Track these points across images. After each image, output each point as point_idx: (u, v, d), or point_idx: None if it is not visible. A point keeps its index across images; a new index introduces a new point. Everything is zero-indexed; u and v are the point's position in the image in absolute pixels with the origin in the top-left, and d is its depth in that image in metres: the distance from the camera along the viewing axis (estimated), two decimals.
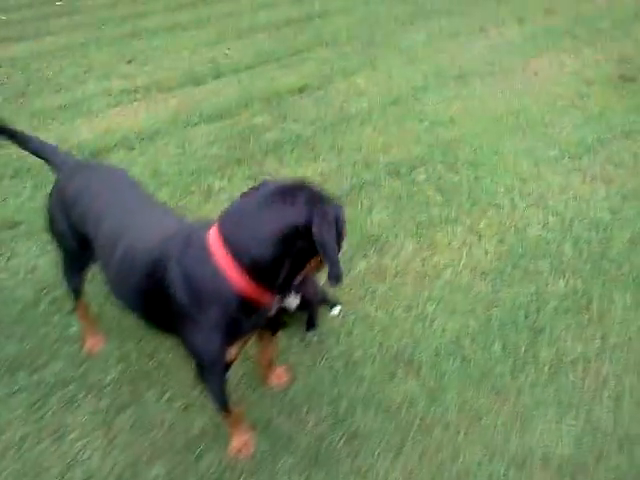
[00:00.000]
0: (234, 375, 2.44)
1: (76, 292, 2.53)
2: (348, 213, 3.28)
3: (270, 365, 2.42)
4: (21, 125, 5.02)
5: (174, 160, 4.23)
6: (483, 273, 2.87)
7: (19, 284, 3.08)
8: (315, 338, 2.61)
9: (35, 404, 2.46)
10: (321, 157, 4.04)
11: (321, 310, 2.71)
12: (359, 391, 2.37)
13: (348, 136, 4.31)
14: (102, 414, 2.38)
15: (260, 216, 1.58)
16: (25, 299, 2.98)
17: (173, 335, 1.94)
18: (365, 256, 3.07)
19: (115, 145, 4.55)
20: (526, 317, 2.61)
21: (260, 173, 3.92)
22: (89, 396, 2.46)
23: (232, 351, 1.86)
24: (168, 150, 4.38)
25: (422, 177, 3.69)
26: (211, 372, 1.93)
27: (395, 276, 2.92)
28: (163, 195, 3.81)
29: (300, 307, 2.58)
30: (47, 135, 4.82)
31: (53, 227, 2.28)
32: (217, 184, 3.87)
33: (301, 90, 5.16)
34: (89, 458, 2.23)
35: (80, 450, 2.26)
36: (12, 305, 2.96)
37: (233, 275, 1.63)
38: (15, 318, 2.88)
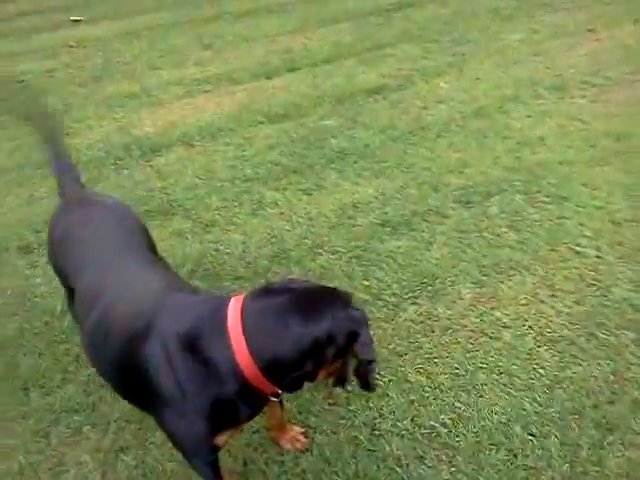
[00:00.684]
0: (246, 432, 2.23)
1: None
2: (404, 245, 3.03)
3: (282, 427, 2.18)
4: (88, 112, 5.06)
5: (231, 163, 4.05)
6: (551, 340, 2.46)
7: (51, 293, 3.01)
8: (343, 393, 2.33)
9: (41, 431, 2.38)
10: (386, 173, 3.71)
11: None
12: (380, 472, 2.08)
13: (420, 149, 3.94)
14: (103, 453, 2.26)
15: (288, 318, 1.46)
16: (51, 310, 2.91)
17: (151, 414, 1.72)
18: (415, 301, 2.73)
19: (176, 141, 4.44)
20: (595, 407, 2.18)
21: (316, 187, 3.65)
22: (94, 430, 2.34)
23: (222, 438, 1.63)
24: (227, 151, 4.21)
25: (495, 209, 3.27)
26: (195, 457, 1.72)
27: (445, 330, 2.57)
28: (212, 202, 3.64)
29: None
30: (110, 125, 4.81)
31: (49, 256, 2.12)
32: (269, 196, 3.64)
33: (377, 91, 4.81)
34: None
35: None
36: (38, 316, 2.90)
37: (244, 361, 1.45)
38: (38, 331, 2.82)
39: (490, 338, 2.51)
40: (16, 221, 3.69)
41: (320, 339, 1.45)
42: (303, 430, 2.24)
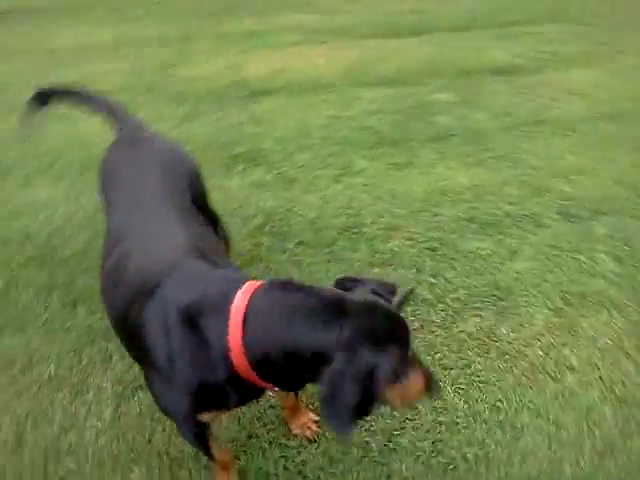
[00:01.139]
0: (260, 405, 2.15)
1: None
2: (486, 248, 2.75)
3: (295, 410, 2.07)
4: (202, 45, 5.05)
5: (327, 122, 3.89)
6: (620, 401, 2.14)
7: None
8: None
9: (76, 349, 2.45)
10: (487, 164, 3.40)
11: None
12: None
13: (533, 145, 3.57)
14: (123, 385, 2.28)
15: (295, 322, 1.31)
16: None
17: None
18: (478, 313, 2.48)
19: (279, 89, 4.35)
20: None
21: (408, 164, 3.42)
22: (122, 361, 2.37)
23: (206, 417, 1.54)
24: (326, 109, 4.05)
25: (601, 231, 2.89)
26: (180, 425, 1.65)
27: (503, 355, 2.32)
28: (298, 159, 3.52)
29: None
30: (220, 62, 4.77)
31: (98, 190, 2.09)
32: (357, 164, 3.46)
33: (504, 72, 4.42)
34: (88, 428, 2.14)
35: (85, 416, 2.18)
36: None
37: (236, 351, 1.34)
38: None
39: (550, 377, 2.23)
40: None
41: (318, 355, 1.28)
42: (317, 419, 2.12)
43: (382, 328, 1.32)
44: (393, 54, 4.73)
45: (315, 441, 2.07)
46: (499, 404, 2.15)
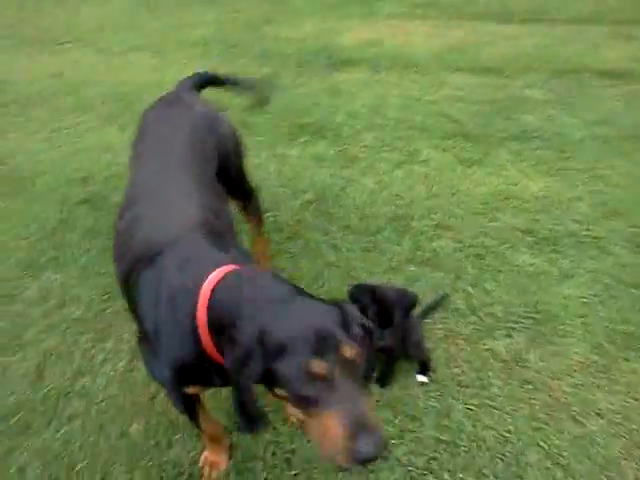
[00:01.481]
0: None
1: None
2: (537, 265, 2.54)
3: None
4: (299, 5, 4.98)
5: (405, 103, 3.75)
6: None
7: None
8: (424, 384, 2.16)
9: (109, 292, 2.54)
10: (565, 175, 3.16)
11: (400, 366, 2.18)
12: None
13: (622, 162, 3.28)
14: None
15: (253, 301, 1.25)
16: None
17: None
18: (510, 334, 2.34)
19: (364, 61, 4.23)
20: None
21: (479, 161, 3.24)
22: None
23: (191, 390, 1.55)
24: (409, 89, 3.90)
25: None
26: (170, 395, 1.68)
27: (525, 384, 2.17)
28: (364, 137, 3.43)
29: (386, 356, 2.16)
30: (312, 26, 4.70)
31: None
32: (425, 152, 3.32)
33: (612, 75, 4.06)
34: (101, 375, 2.24)
35: (101, 363, 2.28)
36: None
37: (202, 331, 1.33)
38: None
39: (572, 418, 2.06)
40: None
41: (264, 341, 1.18)
42: None
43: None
44: (497, 40, 4.45)
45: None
46: (508, 435, 2.02)
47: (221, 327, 1.28)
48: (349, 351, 1.15)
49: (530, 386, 2.15)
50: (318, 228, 2.80)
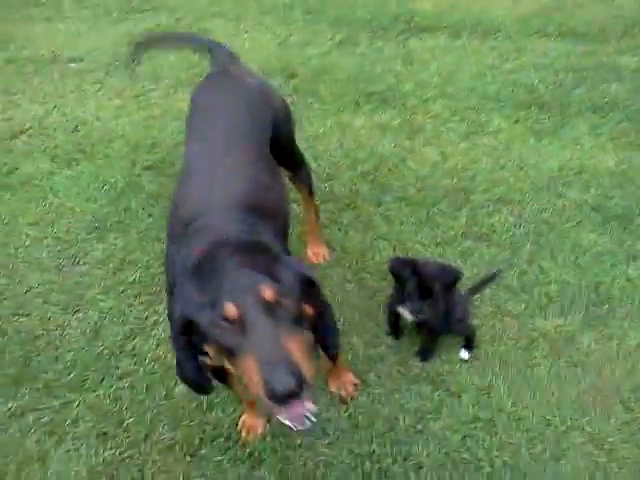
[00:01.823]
0: None
1: None
2: (602, 244, 2.46)
3: (334, 368, 2.13)
4: None
5: (481, 71, 3.69)
6: None
7: None
8: (466, 360, 2.21)
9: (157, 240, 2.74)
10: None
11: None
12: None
13: None
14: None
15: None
16: None
17: None
18: (565, 313, 2.30)
19: (445, 27, 4.17)
20: None
21: (552, 133, 3.16)
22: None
23: None
24: (486, 56, 3.82)
25: None
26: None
27: (574, 366, 2.15)
28: (432, 107, 3.41)
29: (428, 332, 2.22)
30: None
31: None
32: (495, 123, 3.27)
33: None
34: (152, 336, 2.42)
35: (153, 325, 2.47)
36: None
37: None
38: None
39: (622, 404, 2.03)
40: None
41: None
42: (357, 382, 2.18)
43: None
44: (589, 3, 4.23)
45: (346, 403, 2.13)
46: (550, 417, 2.03)
47: None
48: (268, 292, 1.22)
49: (579, 369, 2.14)
50: (373, 199, 2.85)
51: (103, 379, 2.31)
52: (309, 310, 1.33)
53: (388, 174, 3.01)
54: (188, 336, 1.32)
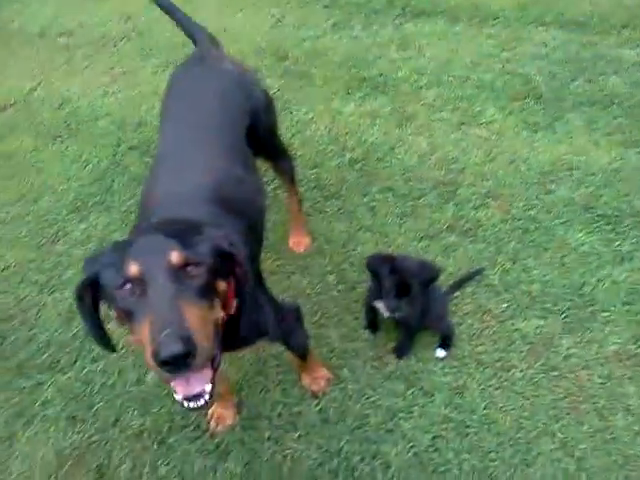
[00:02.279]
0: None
1: None
2: (590, 243, 2.41)
3: (308, 363, 2.08)
4: None
5: (476, 60, 3.59)
6: None
7: None
8: (441, 359, 2.17)
9: None
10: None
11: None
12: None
13: None
14: None
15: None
16: None
17: None
18: (546, 315, 2.26)
19: (442, 12, 4.06)
20: None
21: (547, 126, 3.07)
22: None
23: None
24: (483, 44, 3.73)
25: None
26: None
27: (551, 370, 2.11)
28: (426, 95, 3.33)
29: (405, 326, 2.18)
30: None
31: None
32: (489, 113, 3.19)
33: None
34: None
35: None
36: None
37: None
38: None
39: (596, 412, 1.99)
40: None
41: None
42: (329, 377, 2.14)
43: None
44: None
45: (318, 398, 2.10)
46: (523, 421, 2.00)
47: None
48: (174, 256, 1.17)
49: (556, 372, 2.10)
50: (358, 189, 2.79)
51: (76, 361, 2.28)
52: (222, 285, 1.26)
53: (376, 163, 2.94)
54: (95, 296, 1.27)
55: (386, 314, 2.09)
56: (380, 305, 2.09)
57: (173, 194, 1.58)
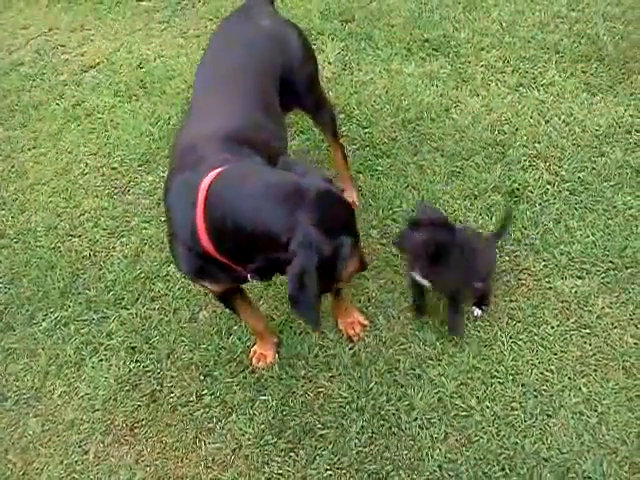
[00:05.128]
0: None
1: None
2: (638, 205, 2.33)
3: (342, 308, 2.20)
4: None
5: (544, 20, 3.46)
6: None
7: None
8: (479, 317, 2.20)
9: None
10: None
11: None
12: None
13: None
14: None
15: (252, 202, 1.45)
16: None
17: None
18: (583, 275, 2.24)
19: None
20: None
21: (607, 90, 2.96)
22: None
23: (211, 287, 1.80)
24: (553, 3, 3.57)
25: None
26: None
27: (582, 328, 2.11)
28: (487, 56, 3.27)
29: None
30: None
31: None
32: (549, 76, 3.09)
33: None
34: None
35: None
36: None
37: (203, 236, 1.54)
38: None
39: (624, 370, 1.98)
40: None
41: (269, 239, 1.41)
42: (365, 323, 2.23)
43: (337, 218, 1.47)
44: None
45: (353, 342, 2.19)
46: (549, 374, 2.02)
47: (219, 224, 1.45)
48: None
49: (587, 330, 2.10)
50: (408, 148, 2.81)
51: (137, 299, 2.47)
52: None
53: (429, 123, 2.94)
54: None
55: (424, 283, 2.07)
56: (416, 275, 2.07)
57: (200, 134, 1.70)
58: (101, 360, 2.31)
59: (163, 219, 2.70)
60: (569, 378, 1.99)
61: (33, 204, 2.94)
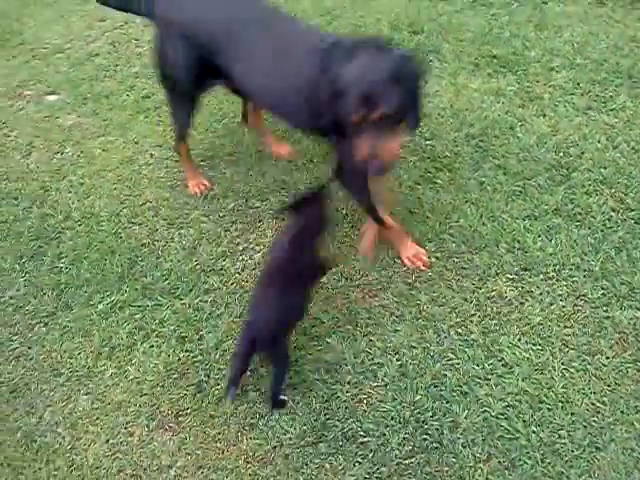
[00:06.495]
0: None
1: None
2: None
3: (402, 240, 2.45)
4: None
5: (616, 44, 3.39)
6: None
7: None
8: None
9: (264, 193, 2.85)
10: None
11: None
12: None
13: None
14: None
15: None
16: None
17: None
18: (631, 304, 2.16)
19: None
20: None
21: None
22: None
23: None
24: (619, 29, 3.49)
25: None
26: None
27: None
28: (557, 77, 3.22)
29: None
30: None
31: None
32: (620, 100, 3.02)
33: None
34: (240, 260, 2.60)
35: (243, 250, 2.64)
36: None
37: None
38: None
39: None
40: None
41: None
42: (424, 252, 2.42)
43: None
44: None
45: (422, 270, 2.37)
46: (600, 406, 1.97)
47: None
48: None
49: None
50: (469, 164, 2.78)
51: (191, 290, 2.51)
52: None
53: (493, 140, 2.90)
54: None
55: None
56: None
57: None
58: (152, 346, 2.34)
59: (222, 214, 2.76)
60: (622, 412, 1.92)
61: (98, 190, 3.02)
